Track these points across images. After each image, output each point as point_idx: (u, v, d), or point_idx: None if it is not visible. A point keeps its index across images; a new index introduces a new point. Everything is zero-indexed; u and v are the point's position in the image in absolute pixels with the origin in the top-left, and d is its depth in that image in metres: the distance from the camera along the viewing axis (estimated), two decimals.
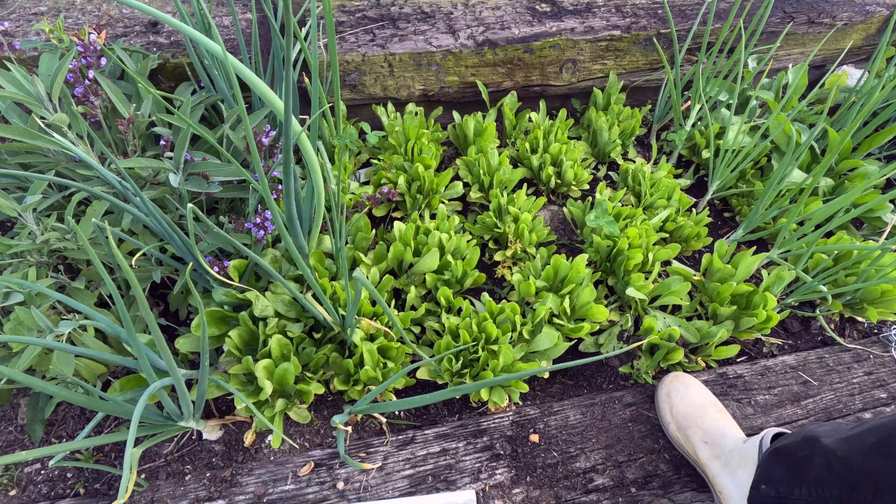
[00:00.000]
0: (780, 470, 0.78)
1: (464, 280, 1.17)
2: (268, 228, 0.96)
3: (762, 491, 0.80)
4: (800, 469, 0.75)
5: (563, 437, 1.03)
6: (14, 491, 0.95)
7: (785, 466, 0.78)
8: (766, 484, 0.80)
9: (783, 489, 0.76)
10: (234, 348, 0.95)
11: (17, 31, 1.22)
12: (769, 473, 0.80)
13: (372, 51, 1.38)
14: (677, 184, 1.37)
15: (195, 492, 0.94)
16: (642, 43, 1.53)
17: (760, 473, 0.81)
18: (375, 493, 0.94)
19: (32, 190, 0.87)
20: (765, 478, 0.80)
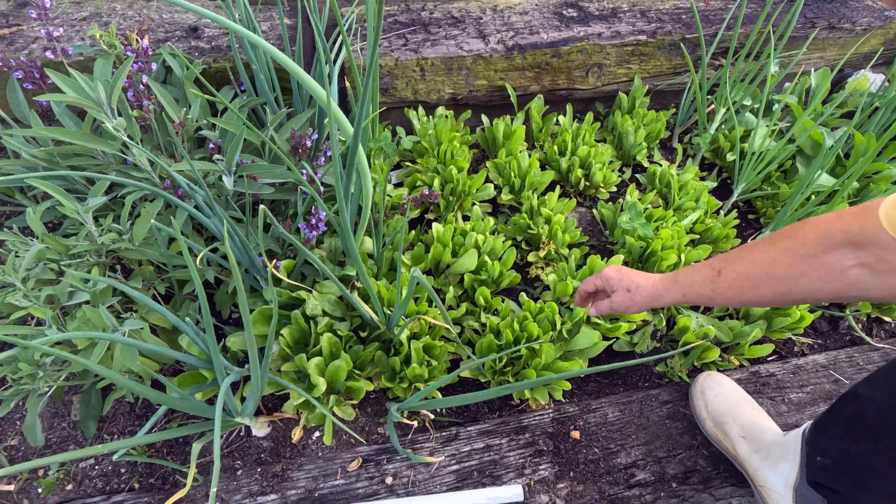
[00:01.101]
0: (831, 436, 0.78)
1: (500, 280, 1.20)
2: (320, 228, 0.99)
3: (819, 463, 0.80)
4: (852, 426, 0.74)
5: (602, 433, 1.05)
6: (70, 486, 0.97)
7: (835, 431, 0.78)
8: (822, 455, 0.79)
9: (838, 454, 0.76)
10: (285, 346, 0.97)
11: (61, 37, 1.25)
12: (821, 445, 0.80)
13: (405, 55, 1.41)
14: (705, 186, 1.39)
15: (248, 486, 0.96)
16: (667, 47, 1.56)
17: (812, 449, 0.81)
18: (424, 488, 0.97)
19: (94, 192, 0.89)
20: (818, 450, 0.80)
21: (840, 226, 0.67)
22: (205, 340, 0.86)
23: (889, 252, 0.62)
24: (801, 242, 0.70)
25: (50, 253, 0.91)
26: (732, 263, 0.77)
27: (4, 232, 0.92)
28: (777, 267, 0.72)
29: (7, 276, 0.80)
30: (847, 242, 0.66)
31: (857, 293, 0.68)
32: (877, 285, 0.65)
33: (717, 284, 0.78)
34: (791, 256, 0.71)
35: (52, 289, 0.86)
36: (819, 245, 0.68)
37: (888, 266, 0.63)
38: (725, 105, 1.51)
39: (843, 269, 0.67)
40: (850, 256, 0.66)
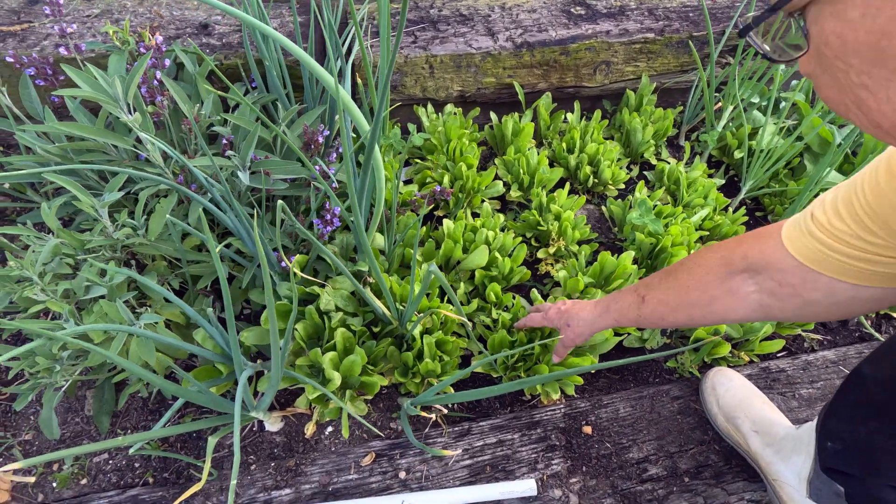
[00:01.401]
0: (839, 419, 0.78)
1: (510, 277, 1.20)
2: (334, 224, 0.99)
3: (830, 448, 0.79)
4: (859, 406, 0.74)
5: (614, 428, 1.06)
6: (85, 480, 0.97)
7: (843, 413, 0.77)
8: (832, 440, 0.79)
9: (848, 436, 0.76)
10: (300, 340, 0.98)
11: (73, 34, 1.25)
12: (830, 430, 0.79)
13: (414, 52, 1.41)
14: (713, 183, 1.40)
15: (262, 481, 0.96)
16: (674, 45, 1.56)
17: (822, 435, 0.81)
18: (437, 483, 0.97)
19: (110, 187, 0.90)
20: (828, 435, 0.80)
21: (740, 252, 0.70)
22: (223, 335, 0.87)
23: (790, 276, 0.64)
24: (707, 269, 0.74)
25: (65, 248, 0.91)
26: (654, 290, 0.82)
27: (19, 227, 0.92)
28: (690, 293, 0.76)
29: (25, 270, 0.80)
30: (746, 268, 0.69)
31: (762, 316, 0.71)
32: (781, 308, 0.67)
33: (642, 310, 0.83)
34: (701, 283, 0.75)
35: (69, 283, 0.86)
36: (722, 272, 0.72)
37: (791, 290, 0.65)
38: (733, 102, 1.51)
39: (746, 293, 0.70)
40: (749, 282, 0.70)
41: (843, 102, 0.40)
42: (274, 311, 0.66)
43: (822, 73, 0.40)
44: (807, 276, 0.62)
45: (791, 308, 0.67)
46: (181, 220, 1.04)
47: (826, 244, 0.59)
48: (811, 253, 0.61)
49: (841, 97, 0.40)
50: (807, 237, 0.61)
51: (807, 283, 0.63)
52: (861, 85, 0.37)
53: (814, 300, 0.64)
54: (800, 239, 0.62)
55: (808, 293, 0.64)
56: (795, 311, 0.67)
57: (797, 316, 0.68)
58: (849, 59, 0.37)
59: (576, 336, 0.96)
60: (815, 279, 0.62)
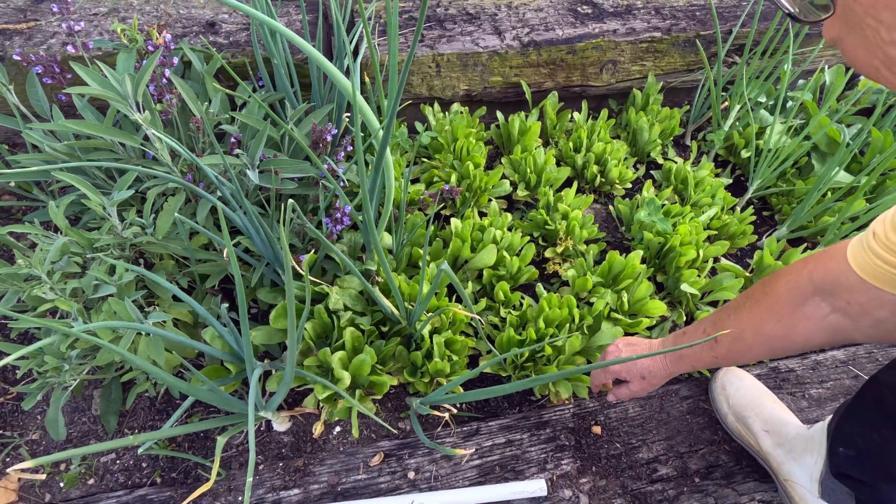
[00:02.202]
0: (852, 425, 0.78)
1: (518, 276, 1.20)
2: (344, 222, 0.99)
3: (842, 454, 0.79)
4: (873, 413, 0.74)
5: (624, 428, 1.05)
6: (92, 480, 0.97)
7: (856, 419, 0.77)
8: (844, 445, 0.79)
9: (861, 442, 0.76)
10: (309, 340, 0.97)
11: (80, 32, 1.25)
12: (843, 435, 0.79)
13: (421, 51, 1.41)
14: (721, 183, 1.39)
15: (270, 481, 0.96)
16: (681, 44, 1.56)
17: (834, 439, 0.81)
18: (446, 483, 0.97)
19: (120, 185, 0.89)
20: (840, 440, 0.80)
21: (806, 273, 0.68)
22: (234, 334, 0.86)
23: (857, 294, 0.62)
24: (777, 298, 0.72)
25: (74, 247, 0.91)
26: (723, 328, 0.78)
27: (27, 225, 0.92)
28: (765, 326, 0.73)
29: (34, 268, 0.80)
30: (816, 291, 0.67)
31: (842, 338, 0.68)
32: (855, 328, 0.65)
33: (717, 351, 0.80)
34: (774, 314, 0.72)
35: (78, 282, 0.86)
36: (793, 298, 0.70)
37: (860, 308, 0.63)
38: (740, 102, 1.51)
39: (822, 315, 0.67)
40: (823, 304, 0.67)
41: (870, 63, 0.39)
42: (294, 310, 0.66)
43: (849, 32, 0.39)
44: (872, 294, 0.61)
45: (864, 327, 0.65)
46: (189, 218, 1.03)
47: (887, 261, 0.58)
48: (873, 270, 0.59)
49: (869, 58, 0.39)
50: (868, 254, 0.60)
51: (873, 301, 0.61)
52: (892, 42, 0.36)
53: (883, 319, 0.62)
54: (862, 256, 0.60)
55: (877, 311, 0.62)
56: (868, 330, 0.65)
57: (871, 336, 0.66)
58: (880, 15, 0.36)
59: (651, 387, 0.92)
60: (880, 297, 0.60)
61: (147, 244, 0.96)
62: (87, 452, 0.74)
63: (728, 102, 1.57)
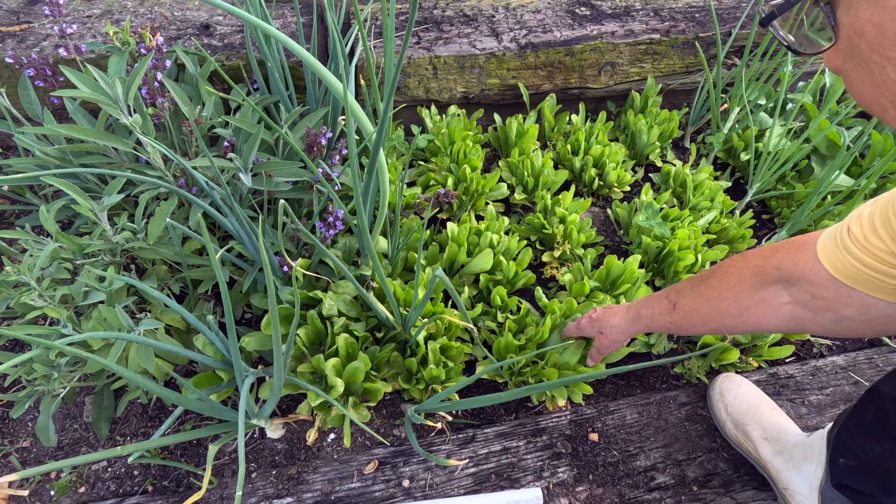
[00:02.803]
0: (853, 436, 0.77)
1: (515, 280, 1.19)
2: (338, 227, 0.97)
3: (842, 465, 0.78)
4: (875, 425, 0.72)
5: (621, 436, 1.04)
6: (83, 488, 0.96)
7: (858, 431, 0.76)
8: (844, 456, 0.78)
9: (862, 454, 0.75)
10: (302, 346, 0.96)
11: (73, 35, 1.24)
12: (843, 445, 0.78)
13: (417, 53, 1.40)
14: (720, 186, 1.38)
15: (263, 489, 0.95)
16: (680, 46, 1.55)
17: (834, 449, 0.80)
18: (441, 491, 0.95)
19: (109, 190, 0.88)
20: (841, 451, 0.79)
21: (774, 261, 0.68)
22: (224, 341, 0.85)
23: (824, 290, 0.61)
24: (740, 278, 0.73)
25: (64, 252, 0.90)
26: (685, 296, 0.81)
27: (17, 231, 0.91)
28: (722, 302, 0.75)
29: (22, 275, 0.78)
30: (780, 279, 0.67)
31: (795, 328, 0.69)
32: (814, 321, 0.65)
33: (673, 317, 0.82)
34: (734, 292, 0.73)
35: (68, 288, 0.85)
36: (756, 281, 0.70)
37: (824, 304, 0.62)
38: (740, 104, 1.50)
39: (780, 304, 0.68)
40: (783, 293, 0.68)
41: (877, 101, 0.37)
42: (277, 319, 0.65)
43: (854, 67, 0.37)
44: (840, 291, 0.60)
45: (824, 322, 0.65)
46: (182, 223, 1.02)
47: (861, 260, 0.57)
48: (845, 268, 0.58)
49: (876, 94, 0.37)
50: (841, 251, 0.59)
51: (840, 299, 0.60)
52: None
53: (847, 316, 0.61)
54: (834, 253, 0.59)
55: (842, 308, 0.61)
56: (828, 325, 0.65)
57: (830, 331, 0.66)
58: (887, 52, 0.34)
59: (611, 343, 0.95)
60: (849, 294, 0.59)
61: (138, 249, 0.95)
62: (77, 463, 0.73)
63: (727, 105, 1.56)
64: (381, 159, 0.91)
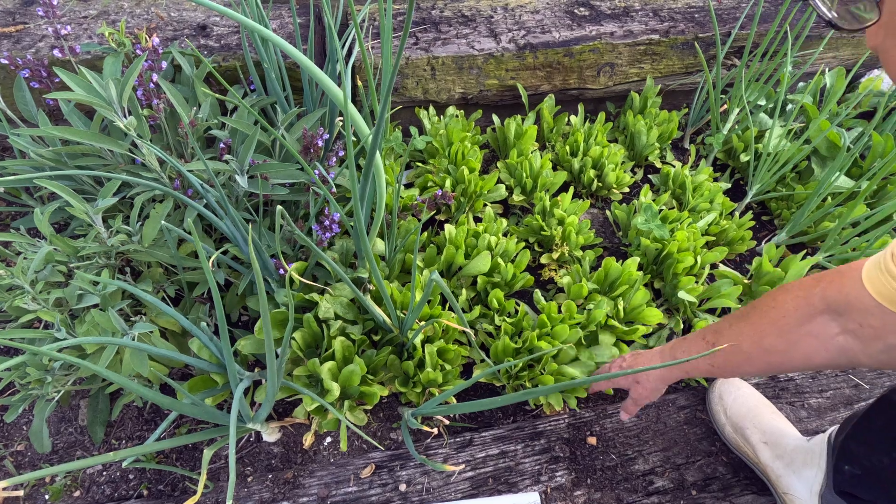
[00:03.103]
0: (860, 445, 0.76)
1: (513, 283, 1.18)
2: (333, 230, 0.97)
3: (847, 472, 0.77)
4: (884, 435, 0.71)
5: (619, 439, 1.03)
6: (78, 492, 0.95)
7: (866, 439, 0.75)
8: (850, 463, 0.77)
9: (868, 463, 0.74)
10: (297, 349, 0.95)
11: (69, 35, 1.23)
12: (849, 453, 0.77)
13: (415, 54, 1.39)
14: (719, 187, 1.37)
15: (259, 493, 0.94)
16: (679, 47, 1.54)
17: (839, 456, 0.79)
18: (438, 496, 0.95)
19: (104, 192, 0.87)
20: (846, 458, 0.78)
21: (818, 291, 0.65)
22: (217, 345, 0.84)
23: (871, 317, 0.59)
24: (784, 313, 0.69)
25: (58, 255, 0.89)
26: (724, 337, 0.76)
27: (11, 233, 0.90)
28: (765, 339, 0.71)
29: (16, 278, 0.78)
30: (827, 309, 0.64)
31: (847, 361, 0.65)
32: (864, 352, 0.63)
33: (714, 360, 0.78)
34: (777, 327, 0.69)
35: (62, 291, 0.84)
36: (801, 314, 0.67)
37: (872, 332, 0.60)
38: (740, 105, 1.49)
39: (830, 336, 0.65)
40: (832, 324, 0.65)
41: None
42: (269, 324, 0.64)
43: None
44: (887, 319, 0.58)
45: (874, 352, 0.62)
46: (177, 225, 1.01)
47: None
48: (891, 294, 0.57)
49: None
50: (885, 276, 0.57)
51: (887, 326, 0.58)
52: None
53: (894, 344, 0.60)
54: (878, 278, 0.58)
55: (890, 336, 0.59)
56: (879, 356, 0.62)
57: (881, 362, 0.63)
58: None
59: (649, 393, 0.91)
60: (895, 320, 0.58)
61: (133, 252, 0.95)
62: (72, 469, 0.72)
63: (727, 105, 1.55)
64: (378, 161, 0.91)
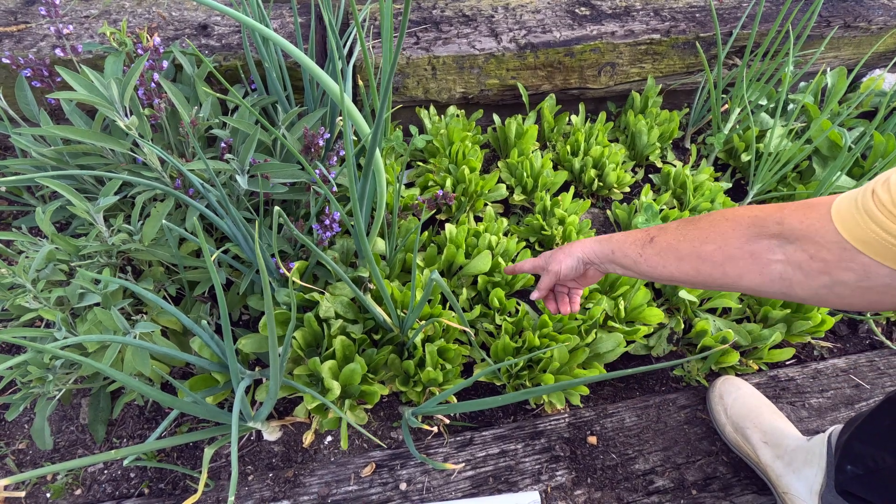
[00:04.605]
0: (865, 445, 0.76)
1: (514, 282, 1.18)
2: (334, 229, 0.97)
3: (849, 472, 0.77)
4: (888, 436, 0.71)
5: (620, 439, 1.03)
6: (79, 490, 0.95)
7: (870, 439, 0.75)
8: (853, 463, 0.77)
9: (872, 463, 0.73)
10: (298, 349, 0.95)
11: (70, 35, 1.23)
12: (853, 452, 0.77)
13: (416, 53, 1.39)
14: (721, 187, 1.37)
15: (259, 492, 0.94)
16: (680, 46, 1.54)
17: (842, 455, 0.79)
18: (439, 495, 0.95)
19: (105, 192, 0.88)
20: (849, 458, 0.78)
21: (778, 216, 0.63)
22: (219, 343, 0.85)
23: (826, 252, 0.58)
24: (734, 225, 0.67)
25: (60, 254, 0.89)
26: (667, 233, 0.73)
27: (13, 232, 0.90)
28: (706, 245, 0.68)
29: (17, 277, 0.78)
30: (779, 234, 0.63)
31: (779, 289, 0.64)
32: (803, 285, 0.61)
33: (646, 250, 0.74)
34: (723, 238, 0.67)
35: (63, 290, 0.84)
36: (751, 231, 0.65)
37: (822, 266, 0.59)
38: (741, 104, 1.49)
39: (770, 261, 0.63)
40: (777, 250, 0.63)
41: None
42: (273, 323, 0.64)
43: None
44: (844, 255, 0.56)
45: (815, 286, 0.60)
46: (178, 224, 1.02)
47: (882, 225, 0.53)
48: (862, 232, 0.55)
49: None
50: (861, 215, 0.55)
51: (842, 262, 0.57)
52: None
53: (843, 281, 0.58)
54: (852, 215, 0.55)
55: (841, 273, 0.58)
56: (818, 289, 0.60)
57: (818, 296, 0.61)
58: None
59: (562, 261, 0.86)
60: (853, 258, 0.56)
61: (135, 251, 0.95)
62: (73, 467, 0.72)
63: (728, 105, 1.55)
64: (378, 160, 0.91)
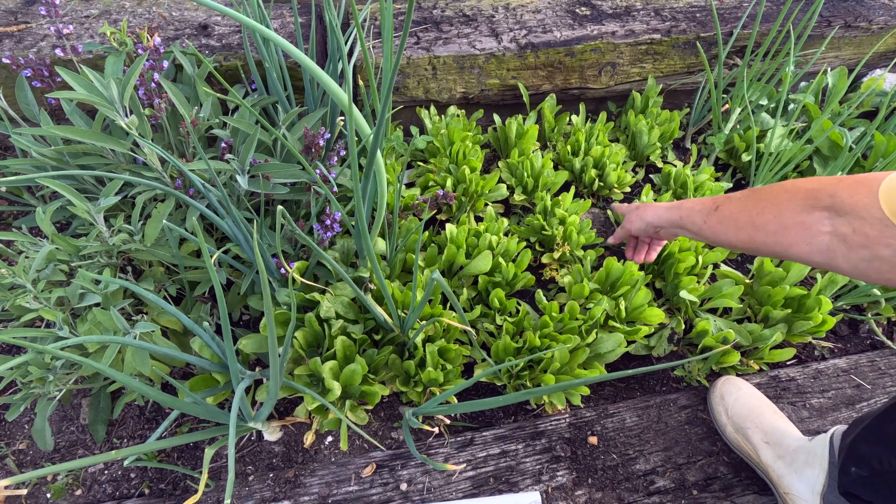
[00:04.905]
0: (870, 446, 0.76)
1: (515, 282, 1.18)
2: (335, 229, 0.97)
3: (853, 473, 0.77)
4: (894, 439, 0.71)
5: (620, 439, 1.03)
6: (79, 491, 0.95)
7: (876, 441, 0.75)
8: (857, 465, 0.77)
9: (877, 465, 0.74)
10: (299, 349, 0.95)
11: (70, 35, 1.23)
12: (858, 454, 0.77)
13: (417, 53, 1.39)
14: (721, 187, 1.37)
15: (260, 492, 0.94)
16: (681, 46, 1.54)
17: (847, 457, 0.79)
18: (439, 495, 0.95)
19: (106, 192, 0.88)
20: (853, 459, 0.78)
21: (831, 189, 0.66)
22: (219, 344, 0.85)
23: (869, 227, 0.61)
24: (791, 196, 0.70)
25: (60, 254, 0.89)
26: (731, 203, 0.78)
27: (13, 232, 0.90)
28: (763, 215, 0.72)
29: (18, 277, 0.78)
30: (830, 207, 0.66)
31: (824, 260, 0.67)
32: (846, 257, 0.64)
33: (710, 218, 0.79)
34: (779, 208, 0.70)
35: (63, 290, 0.84)
36: (805, 203, 0.68)
37: (863, 240, 0.62)
38: (741, 104, 1.49)
39: (819, 232, 0.66)
40: (826, 222, 0.66)
41: None
42: (273, 323, 0.64)
43: None
44: (886, 231, 0.59)
45: (855, 259, 0.63)
46: (179, 225, 1.02)
47: None
48: None
49: None
50: None
51: (883, 238, 0.60)
52: None
53: (881, 256, 0.60)
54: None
55: (880, 248, 0.60)
56: (858, 263, 0.63)
57: (857, 270, 0.64)
58: None
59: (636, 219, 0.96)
60: (894, 235, 0.59)
61: (135, 251, 0.95)
62: (73, 468, 0.72)
63: (729, 105, 1.55)
64: (379, 160, 0.91)
